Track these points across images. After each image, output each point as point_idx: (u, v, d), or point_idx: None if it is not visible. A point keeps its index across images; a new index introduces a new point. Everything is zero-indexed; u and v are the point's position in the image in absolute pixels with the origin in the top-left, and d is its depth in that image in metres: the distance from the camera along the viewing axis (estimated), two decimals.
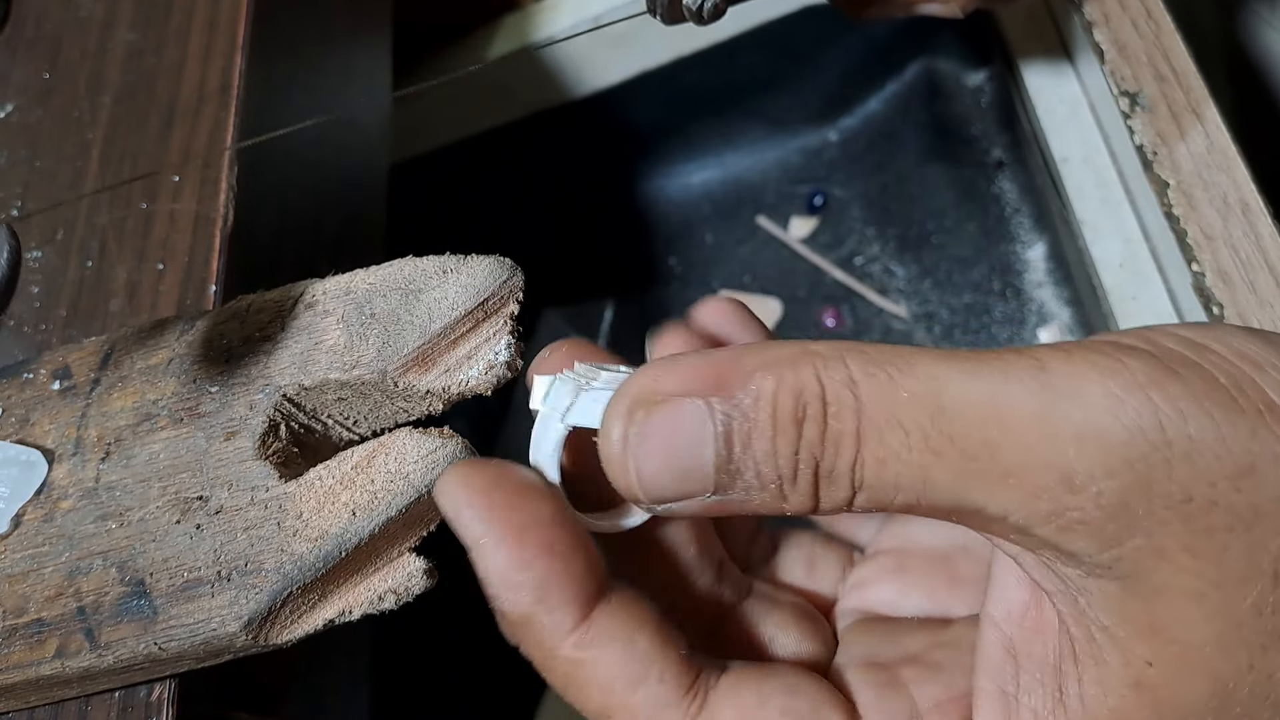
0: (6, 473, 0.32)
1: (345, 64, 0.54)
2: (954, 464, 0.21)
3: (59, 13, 0.47)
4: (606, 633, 0.25)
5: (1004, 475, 0.21)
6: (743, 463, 0.22)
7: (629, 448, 0.23)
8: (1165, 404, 0.21)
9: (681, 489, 0.23)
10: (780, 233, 0.74)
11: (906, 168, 0.74)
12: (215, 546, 0.30)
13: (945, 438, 0.21)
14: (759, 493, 0.23)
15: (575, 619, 0.25)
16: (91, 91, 0.44)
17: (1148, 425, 0.21)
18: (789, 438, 0.22)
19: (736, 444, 0.22)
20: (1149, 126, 0.45)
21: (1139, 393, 0.21)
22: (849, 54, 0.74)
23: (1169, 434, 0.21)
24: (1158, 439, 0.21)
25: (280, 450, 0.31)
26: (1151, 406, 0.21)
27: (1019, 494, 0.21)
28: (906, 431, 0.21)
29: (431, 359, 0.30)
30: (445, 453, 0.29)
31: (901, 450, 0.21)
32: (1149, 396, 0.21)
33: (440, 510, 0.25)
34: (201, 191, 0.40)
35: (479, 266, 0.31)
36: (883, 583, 0.31)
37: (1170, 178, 0.44)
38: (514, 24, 0.70)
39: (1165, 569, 0.21)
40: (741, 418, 0.22)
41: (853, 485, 0.22)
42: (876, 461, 0.22)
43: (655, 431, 0.23)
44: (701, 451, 0.23)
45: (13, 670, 0.30)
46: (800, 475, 0.22)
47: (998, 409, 0.21)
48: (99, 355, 0.34)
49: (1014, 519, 0.22)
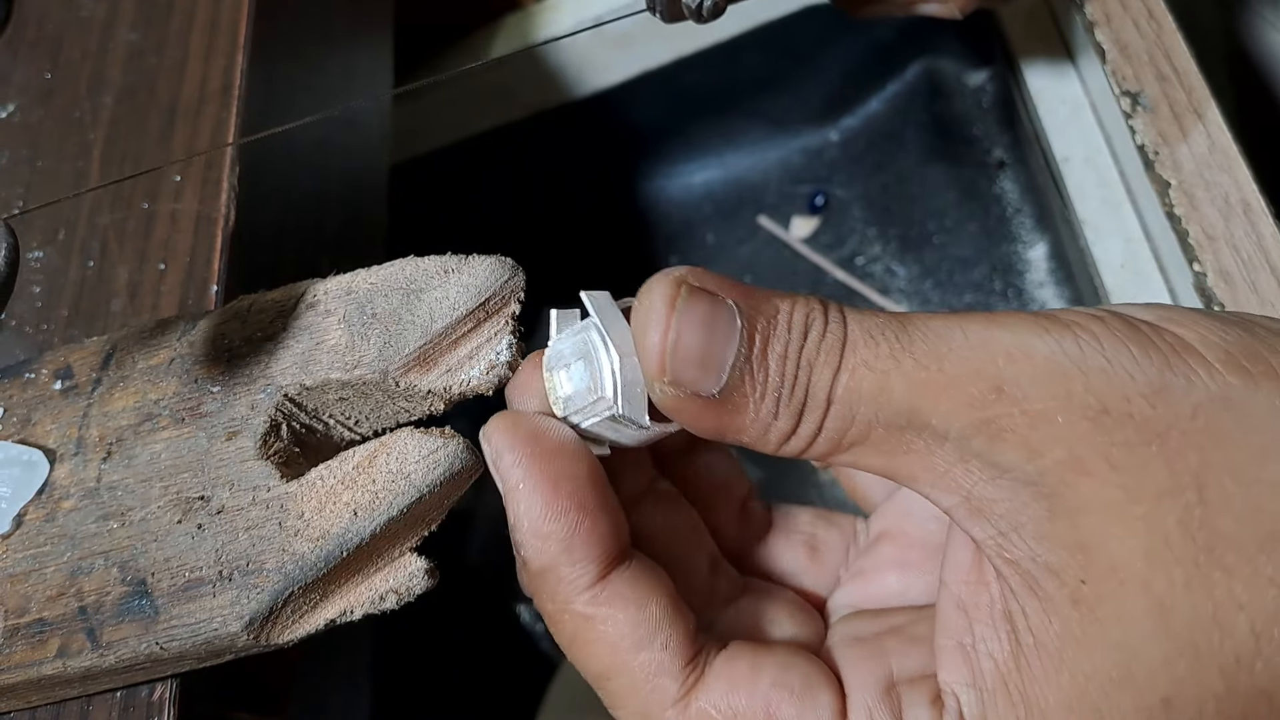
0: (8, 472, 0.32)
1: (346, 64, 0.54)
2: (909, 371, 0.24)
3: (60, 13, 0.47)
4: (622, 593, 0.26)
5: (947, 384, 0.24)
6: (756, 364, 0.25)
7: (674, 314, 0.25)
8: (1086, 335, 0.24)
9: (699, 376, 0.25)
10: (781, 233, 0.74)
11: (908, 168, 0.74)
12: (217, 546, 0.30)
13: (905, 349, 0.24)
14: (757, 403, 0.25)
15: (594, 575, 0.26)
16: (93, 92, 0.44)
17: (1069, 348, 0.24)
18: (796, 345, 0.25)
19: (757, 343, 0.25)
20: (1150, 126, 0.45)
21: (1065, 328, 0.24)
22: (850, 54, 0.74)
23: (1086, 355, 0.23)
24: (1076, 356, 0.23)
25: (282, 450, 0.31)
26: (1073, 335, 0.24)
27: (957, 402, 0.24)
28: (877, 342, 0.24)
29: (433, 359, 0.30)
30: (446, 453, 0.29)
31: (871, 358, 0.24)
32: (1074, 331, 0.24)
33: (483, 452, 0.27)
34: (203, 191, 0.40)
35: (480, 266, 0.31)
36: (885, 573, 0.32)
37: (1172, 177, 0.44)
38: (515, 24, 0.70)
39: (1087, 483, 0.23)
40: (765, 322, 0.25)
41: (828, 400, 0.25)
42: (850, 371, 0.24)
43: (695, 308, 0.25)
44: (727, 345, 0.25)
45: (15, 670, 0.30)
46: (796, 387, 0.25)
47: (949, 330, 0.24)
48: (100, 355, 0.34)
49: (953, 431, 0.24)
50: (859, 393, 0.25)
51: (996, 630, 0.24)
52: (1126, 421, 0.23)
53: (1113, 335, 0.24)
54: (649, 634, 0.26)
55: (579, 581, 0.26)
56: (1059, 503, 0.23)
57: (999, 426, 0.24)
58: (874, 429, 0.25)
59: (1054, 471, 0.23)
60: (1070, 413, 0.23)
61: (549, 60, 0.70)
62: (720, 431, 0.26)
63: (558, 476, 0.26)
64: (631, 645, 0.26)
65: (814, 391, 0.25)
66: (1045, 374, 0.23)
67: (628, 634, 0.26)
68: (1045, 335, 0.24)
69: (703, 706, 0.26)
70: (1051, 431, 0.23)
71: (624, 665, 0.26)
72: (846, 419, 0.25)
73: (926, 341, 0.24)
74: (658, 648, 0.26)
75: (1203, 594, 0.23)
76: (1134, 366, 0.23)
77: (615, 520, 0.27)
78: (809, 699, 0.26)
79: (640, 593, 0.26)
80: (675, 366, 0.25)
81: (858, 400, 0.25)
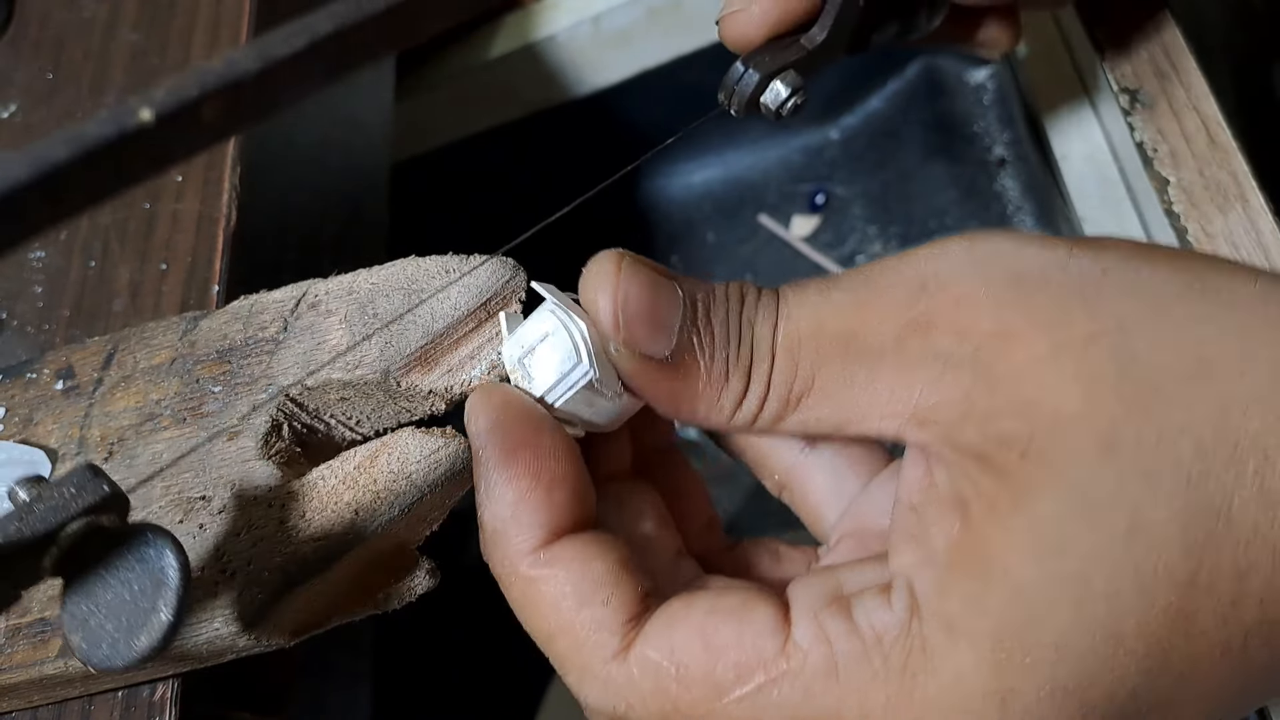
0: (10, 472, 0.32)
1: None
2: (838, 300, 0.27)
3: (62, 14, 0.47)
4: (565, 555, 0.26)
5: (874, 298, 0.26)
6: (702, 327, 0.27)
7: (620, 277, 0.27)
8: (995, 234, 0.27)
9: (650, 335, 0.27)
10: (782, 231, 0.74)
11: (908, 166, 0.74)
12: (218, 546, 0.30)
13: (832, 285, 0.27)
14: (708, 364, 0.27)
15: (539, 540, 0.26)
16: (95, 92, 0.44)
17: (980, 243, 0.26)
18: (735, 308, 0.27)
19: (699, 309, 0.27)
20: (1149, 123, 0.45)
21: (976, 234, 0.27)
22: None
23: (999, 245, 0.26)
24: (990, 248, 0.26)
25: (283, 450, 0.31)
26: (984, 235, 0.27)
27: (886, 310, 0.26)
28: (806, 289, 0.27)
29: (434, 359, 0.30)
30: (448, 453, 0.29)
31: (802, 301, 0.27)
32: (983, 233, 0.27)
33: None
34: (204, 192, 0.40)
35: (481, 267, 0.31)
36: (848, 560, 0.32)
37: (1170, 175, 0.44)
38: (515, 23, 0.70)
39: (1018, 346, 0.25)
40: (704, 294, 0.27)
41: (771, 352, 0.27)
42: (786, 318, 0.27)
43: (639, 274, 0.27)
44: (671, 309, 0.27)
45: (16, 669, 0.30)
46: (741, 344, 0.27)
47: (868, 265, 0.27)
48: (102, 355, 0.34)
49: (888, 340, 0.26)
50: (798, 335, 0.27)
51: (945, 514, 0.25)
52: (1044, 285, 0.25)
53: (1020, 233, 0.26)
54: (591, 591, 0.26)
55: (523, 545, 0.26)
56: (996, 374, 0.25)
57: (928, 319, 0.26)
58: (817, 374, 0.27)
59: (986, 345, 0.25)
60: (991, 286, 0.25)
61: (550, 59, 0.70)
62: (677, 400, 0.27)
63: (516, 445, 0.27)
64: (574, 603, 0.26)
65: (758, 345, 0.27)
66: (964, 263, 0.26)
67: (570, 592, 0.26)
68: (959, 240, 0.27)
69: (641, 651, 0.25)
70: (976, 308, 0.25)
71: (567, 623, 0.26)
72: (791, 368, 0.27)
73: (849, 276, 0.27)
74: (599, 604, 0.26)
75: (1144, 421, 0.23)
76: (1043, 248, 0.26)
77: (573, 493, 0.27)
78: (745, 615, 0.25)
79: (585, 554, 0.26)
80: (627, 323, 0.27)
81: (797, 344, 0.27)
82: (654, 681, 0.25)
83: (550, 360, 0.28)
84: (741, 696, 0.24)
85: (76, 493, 0.24)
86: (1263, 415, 0.23)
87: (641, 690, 0.25)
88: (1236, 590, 0.23)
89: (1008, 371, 0.25)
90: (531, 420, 0.27)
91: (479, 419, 0.27)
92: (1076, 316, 0.25)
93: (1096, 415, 0.24)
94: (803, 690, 0.24)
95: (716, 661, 0.25)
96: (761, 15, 0.33)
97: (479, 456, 0.27)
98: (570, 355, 0.27)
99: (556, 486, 0.27)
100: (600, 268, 0.27)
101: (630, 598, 0.26)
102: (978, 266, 0.26)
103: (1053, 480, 0.23)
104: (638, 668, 0.25)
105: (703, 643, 0.25)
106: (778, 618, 0.25)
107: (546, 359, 0.28)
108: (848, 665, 0.24)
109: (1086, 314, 0.25)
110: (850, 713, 0.24)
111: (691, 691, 0.25)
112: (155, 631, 0.24)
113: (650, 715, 0.25)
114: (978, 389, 0.25)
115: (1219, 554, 0.23)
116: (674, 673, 0.25)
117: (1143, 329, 0.24)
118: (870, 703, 0.23)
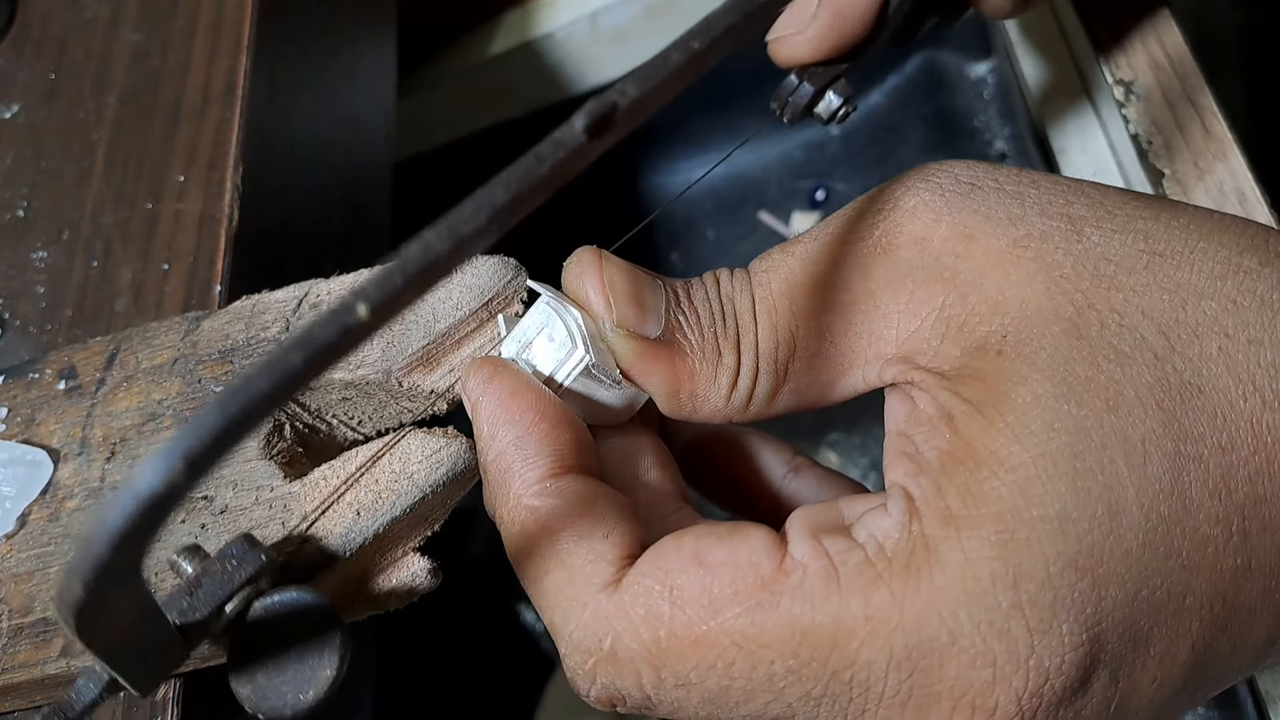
0: (12, 472, 0.32)
1: (349, 63, 0.54)
2: (802, 252, 0.28)
3: (64, 14, 0.47)
4: (571, 488, 0.26)
5: (835, 240, 0.28)
6: (686, 308, 0.28)
7: (602, 263, 0.28)
8: (946, 161, 0.28)
9: (639, 314, 0.27)
10: (782, 228, 0.74)
11: (909, 161, 0.73)
12: (220, 546, 0.30)
13: (792, 243, 0.28)
14: (699, 342, 0.28)
15: (545, 470, 0.27)
16: (97, 92, 0.44)
17: (933, 172, 0.28)
18: (713, 289, 0.28)
19: (680, 294, 0.28)
20: (1144, 115, 0.45)
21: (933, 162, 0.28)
22: None
23: (952, 167, 0.28)
24: (941, 176, 0.27)
25: (285, 450, 0.31)
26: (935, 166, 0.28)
27: (850, 248, 0.27)
28: (769, 255, 0.28)
29: (436, 359, 0.31)
30: (450, 453, 0.29)
31: (767, 265, 0.28)
32: (935, 164, 0.28)
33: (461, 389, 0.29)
34: (207, 192, 0.40)
35: (483, 266, 0.31)
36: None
37: (1165, 167, 0.44)
38: (514, 21, 0.70)
39: (977, 247, 0.26)
40: (681, 284, 0.29)
41: (754, 319, 0.28)
42: (760, 285, 0.28)
43: (618, 263, 0.28)
44: (654, 293, 0.28)
45: (19, 669, 0.30)
46: (726, 318, 0.28)
47: (822, 221, 0.29)
48: (104, 355, 0.34)
49: (855, 278, 0.27)
50: (771, 298, 0.28)
51: (934, 428, 0.25)
52: (995, 190, 0.27)
53: (973, 162, 0.28)
54: (592, 525, 0.26)
55: (529, 475, 0.26)
56: (962, 278, 0.26)
57: (888, 240, 0.27)
58: (796, 333, 0.27)
59: (946, 250, 0.26)
60: (943, 193, 0.27)
61: (550, 57, 0.70)
62: (675, 384, 0.28)
63: (516, 388, 0.27)
64: (574, 534, 0.26)
65: (741, 316, 0.28)
66: (915, 180, 0.28)
67: (572, 523, 0.26)
68: (909, 176, 0.28)
69: (634, 577, 0.25)
70: (934, 214, 0.27)
71: (564, 554, 0.26)
72: (773, 333, 0.27)
73: (810, 230, 0.29)
74: (599, 537, 0.26)
75: (1106, 308, 0.24)
76: (995, 167, 0.28)
77: (577, 435, 0.27)
78: (740, 537, 0.25)
79: (591, 491, 0.26)
80: (616, 302, 0.27)
81: (773, 306, 0.28)
82: (645, 606, 0.24)
83: (547, 349, 0.28)
84: (739, 613, 0.24)
85: (238, 565, 0.26)
86: (1217, 299, 0.24)
87: (631, 618, 0.24)
88: (1224, 464, 0.23)
89: (971, 272, 0.26)
90: (528, 378, 0.28)
91: (475, 375, 0.28)
92: (1030, 215, 0.26)
93: (1061, 304, 0.25)
94: (803, 601, 0.23)
95: (712, 579, 0.24)
96: (816, 42, 0.33)
97: (478, 406, 0.28)
98: (565, 342, 0.28)
99: (561, 424, 0.27)
100: (580, 258, 0.28)
101: (630, 538, 0.26)
102: (929, 180, 0.27)
103: (1031, 369, 0.24)
104: (628, 594, 0.25)
105: (697, 562, 0.24)
106: (772, 540, 0.25)
107: (543, 349, 0.28)
108: (849, 572, 0.23)
109: (1039, 211, 0.26)
110: (854, 617, 0.23)
111: (685, 611, 0.24)
112: (321, 686, 0.26)
113: (639, 644, 0.24)
114: (949, 299, 0.26)
115: (1199, 425, 0.23)
116: (667, 594, 0.24)
117: (1092, 225, 0.26)
118: (875, 602, 0.23)
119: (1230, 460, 0.23)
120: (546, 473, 0.26)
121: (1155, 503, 0.23)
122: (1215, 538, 0.23)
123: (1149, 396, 0.23)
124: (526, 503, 0.26)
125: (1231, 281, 0.24)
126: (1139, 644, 0.23)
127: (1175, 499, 0.23)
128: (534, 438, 0.27)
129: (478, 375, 0.28)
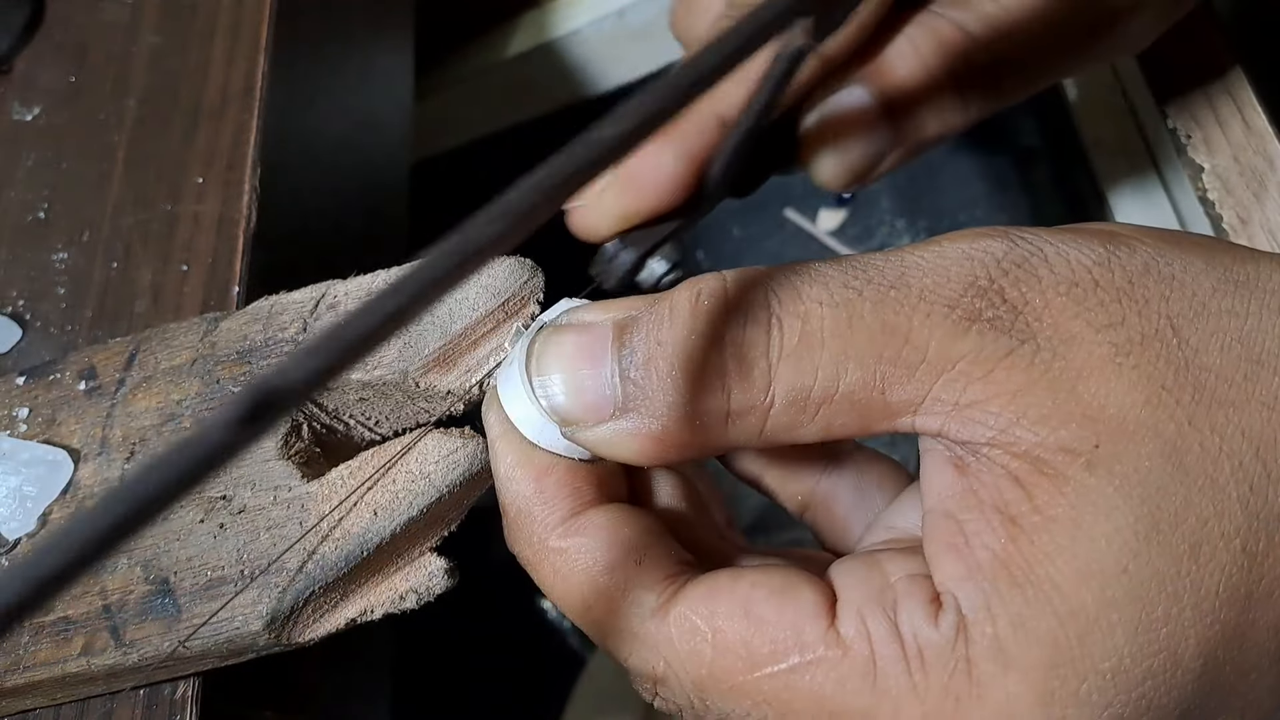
0: (34, 472, 0.32)
1: (367, 65, 0.54)
2: (877, 279, 0.25)
3: (84, 17, 0.47)
4: (594, 523, 0.26)
5: (914, 285, 0.25)
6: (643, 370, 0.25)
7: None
8: (1027, 233, 0.25)
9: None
10: (808, 225, 0.74)
11: (937, 157, 0.73)
12: (238, 546, 0.30)
13: (856, 266, 0.25)
14: (733, 370, 0.25)
15: (566, 511, 0.26)
16: (117, 94, 0.44)
17: (1019, 244, 0.25)
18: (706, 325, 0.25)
19: (633, 352, 0.25)
20: (1182, 109, 0.44)
21: (1005, 232, 0.25)
22: None
23: (1039, 245, 0.25)
24: (1030, 249, 0.25)
25: (302, 450, 0.31)
26: (1018, 233, 0.25)
27: (934, 308, 0.24)
28: (826, 275, 0.25)
29: (452, 359, 0.30)
30: (466, 453, 0.29)
31: (827, 283, 0.25)
32: (1014, 231, 0.25)
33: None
34: (225, 193, 0.40)
35: (500, 267, 0.31)
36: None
37: (1205, 162, 0.43)
38: (533, 20, 0.70)
39: (1078, 349, 0.23)
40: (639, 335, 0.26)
41: (769, 359, 0.25)
42: (797, 314, 0.25)
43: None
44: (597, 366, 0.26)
45: (39, 667, 0.30)
46: (729, 355, 0.25)
47: (899, 250, 0.26)
48: (124, 356, 0.34)
49: (934, 340, 0.24)
50: (818, 335, 0.25)
51: (989, 524, 0.24)
52: (1093, 288, 0.24)
53: (1052, 231, 0.25)
54: (623, 555, 0.26)
55: (550, 519, 0.26)
56: (1055, 376, 0.23)
57: (975, 312, 0.24)
58: (841, 377, 0.24)
59: (1047, 347, 0.24)
60: (1044, 292, 0.24)
61: (571, 55, 0.70)
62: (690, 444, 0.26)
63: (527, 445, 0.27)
64: (605, 567, 0.26)
65: (750, 350, 0.25)
66: (1012, 266, 0.25)
67: (601, 557, 0.26)
68: (992, 238, 0.25)
69: (682, 611, 0.25)
70: (1033, 312, 0.24)
71: (601, 587, 0.26)
72: (808, 373, 0.25)
73: (874, 263, 0.25)
74: (632, 564, 0.26)
75: (1208, 428, 0.23)
76: (1082, 246, 0.25)
77: (596, 481, 0.27)
78: (790, 595, 0.25)
79: (614, 522, 0.26)
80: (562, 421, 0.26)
81: (818, 343, 0.25)
82: (690, 645, 0.25)
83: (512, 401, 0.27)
84: (774, 673, 0.24)
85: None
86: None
87: (678, 650, 0.25)
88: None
89: (1066, 374, 0.23)
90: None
91: (493, 411, 0.27)
92: (1129, 319, 0.24)
93: (1161, 425, 0.23)
94: (836, 682, 0.23)
95: (755, 634, 0.24)
96: (608, 216, 0.31)
97: (495, 443, 0.27)
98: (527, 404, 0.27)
99: (579, 470, 0.27)
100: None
101: (665, 558, 0.26)
102: (1027, 271, 0.25)
103: (1120, 497, 0.22)
104: (675, 628, 0.25)
105: (743, 612, 0.25)
106: (822, 603, 0.25)
107: (510, 397, 0.27)
108: (887, 670, 0.23)
109: (1138, 315, 0.24)
110: (883, 717, 0.23)
111: (725, 658, 0.24)
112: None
113: (686, 675, 0.25)
114: (1035, 391, 0.23)
115: (1277, 563, 0.22)
116: (710, 637, 0.25)
117: (1194, 330, 0.24)
118: (906, 714, 0.23)
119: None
120: (567, 513, 0.26)
121: (1215, 650, 0.22)
122: (1264, 669, 0.23)
123: (1235, 539, 0.22)
124: (551, 544, 0.26)
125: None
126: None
127: (1235, 641, 0.22)
128: (552, 479, 0.26)
129: (496, 419, 0.28)
